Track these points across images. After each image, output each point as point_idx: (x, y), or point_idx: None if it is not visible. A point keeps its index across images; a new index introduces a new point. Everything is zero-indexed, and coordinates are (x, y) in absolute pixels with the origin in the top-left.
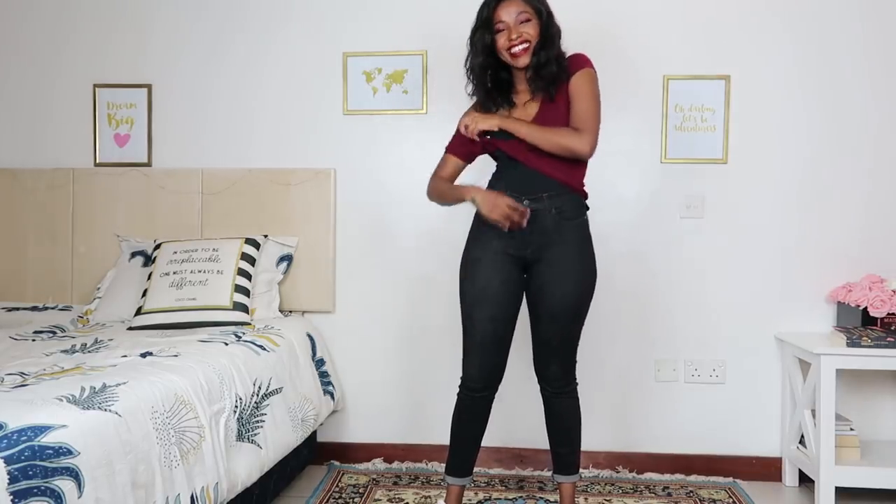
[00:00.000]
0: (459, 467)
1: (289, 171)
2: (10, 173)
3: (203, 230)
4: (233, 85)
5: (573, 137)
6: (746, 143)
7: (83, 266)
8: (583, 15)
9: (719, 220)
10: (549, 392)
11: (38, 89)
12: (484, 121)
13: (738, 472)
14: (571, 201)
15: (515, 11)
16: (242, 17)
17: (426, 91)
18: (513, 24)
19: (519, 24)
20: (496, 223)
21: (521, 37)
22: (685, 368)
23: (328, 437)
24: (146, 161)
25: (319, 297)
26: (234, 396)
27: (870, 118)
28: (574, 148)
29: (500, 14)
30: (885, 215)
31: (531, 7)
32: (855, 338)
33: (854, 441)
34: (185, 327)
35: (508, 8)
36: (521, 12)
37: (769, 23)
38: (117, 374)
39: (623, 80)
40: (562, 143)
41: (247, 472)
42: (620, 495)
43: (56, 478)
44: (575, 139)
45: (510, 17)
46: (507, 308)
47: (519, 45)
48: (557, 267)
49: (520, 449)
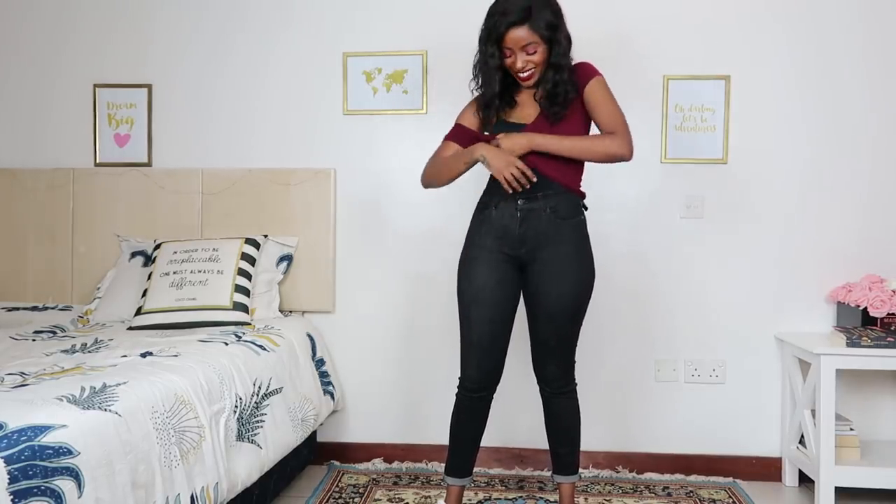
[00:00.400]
0: (459, 468)
1: (289, 171)
2: (10, 173)
3: (203, 230)
4: (233, 85)
5: (613, 143)
6: (746, 143)
7: (83, 266)
8: (583, 15)
9: (719, 220)
10: (548, 392)
11: (38, 89)
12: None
13: (738, 472)
14: (567, 201)
15: (523, 41)
16: (243, 17)
17: (426, 91)
18: (519, 52)
19: (525, 55)
20: (504, 181)
21: (527, 64)
22: (685, 368)
23: (328, 437)
24: (146, 161)
25: (319, 297)
26: (234, 396)
27: (869, 118)
28: (617, 153)
29: (508, 41)
30: (885, 215)
31: (538, 36)
32: (855, 338)
33: (854, 441)
34: (185, 327)
35: (516, 36)
36: (529, 44)
37: (769, 23)
38: (117, 374)
39: (623, 80)
40: (605, 150)
41: (247, 472)
42: (620, 495)
43: (56, 478)
44: (615, 144)
45: (517, 45)
46: (504, 308)
47: (525, 72)
48: (553, 267)
49: (520, 449)
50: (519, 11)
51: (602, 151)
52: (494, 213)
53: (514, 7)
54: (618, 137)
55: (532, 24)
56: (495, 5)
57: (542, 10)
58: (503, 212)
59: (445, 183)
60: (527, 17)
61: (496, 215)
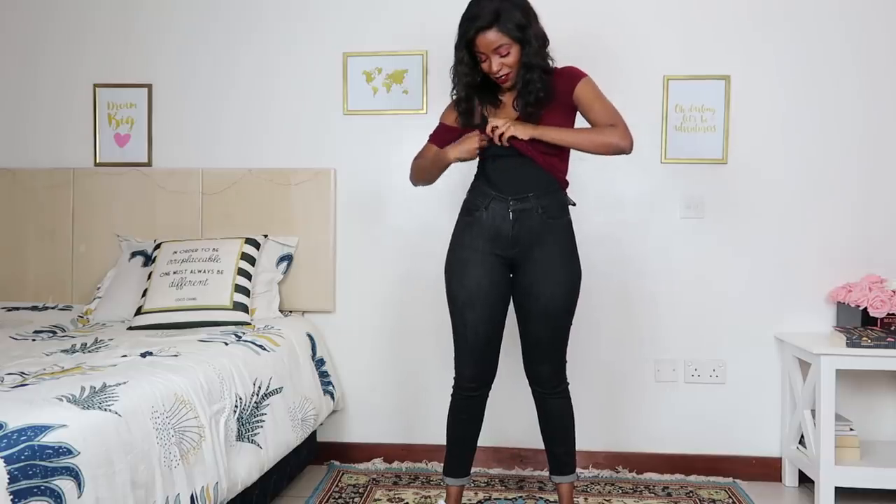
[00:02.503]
0: (457, 468)
1: (289, 171)
2: (10, 173)
3: (203, 230)
4: (233, 85)
5: (615, 134)
6: (746, 143)
7: (83, 266)
8: (583, 16)
9: (719, 220)
10: (541, 393)
11: (38, 89)
12: (519, 129)
13: (738, 472)
14: (556, 201)
15: (493, 44)
16: (243, 17)
17: (426, 91)
18: (492, 55)
19: (499, 57)
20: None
21: (500, 68)
22: (685, 368)
23: (328, 436)
24: (146, 161)
25: (319, 297)
26: (235, 396)
27: (869, 118)
28: (619, 143)
29: (479, 45)
30: (885, 215)
31: (509, 37)
32: (855, 338)
33: (854, 441)
34: (185, 327)
35: (486, 40)
36: (500, 45)
37: (769, 23)
38: (117, 374)
39: (623, 81)
40: (608, 141)
41: (247, 471)
42: (620, 495)
43: (56, 477)
44: (617, 135)
45: (488, 48)
46: (498, 309)
47: (501, 74)
48: (545, 267)
49: (519, 449)
50: (487, 15)
51: (605, 142)
52: (485, 215)
53: (482, 11)
54: (618, 130)
55: (500, 27)
56: (465, 12)
57: (510, 11)
58: (494, 213)
59: (432, 183)
60: (495, 20)
61: (487, 217)
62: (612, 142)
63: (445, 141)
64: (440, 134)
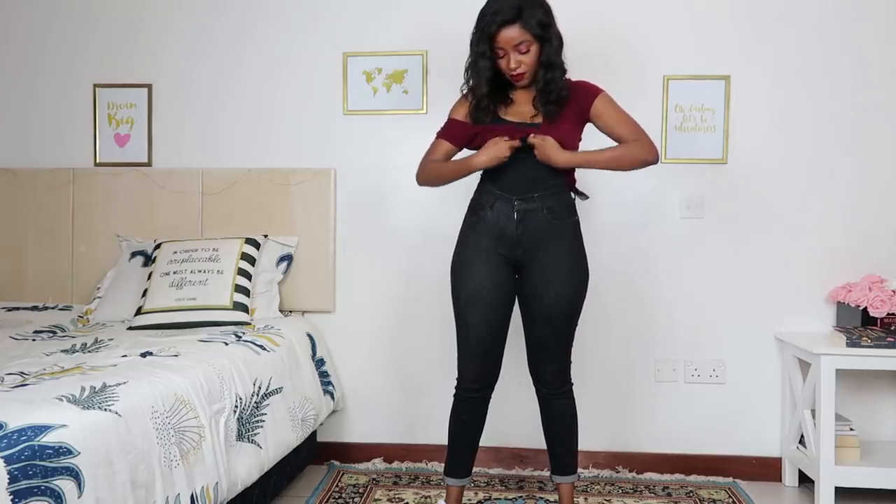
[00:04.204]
0: (458, 468)
1: (289, 171)
2: (10, 173)
3: (203, 230)
4: (233, 85)
5: (643, 149)
6: (746, 143)
7: (83, 266)
8: (583, 15)
9: (719, 220)
10: (544, 393)
11: (38, 89)
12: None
13: (738, 472)
14: (561, 201)
15: (515, 40)
16: (243, 17)
17: (426, 91)
18: (511, 52)
19: (518, 54)
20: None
21: (519, 65)
22: (685, 368)
23: (328, 436)
24: (146, 161)
25: (319, 297)
26: (235, 396)
27: (869, 118)
28: (649, 158)
29: (500, 40)
30: (885, 215)
31: (530, 34)
32: (855, 338)
33: (854, 441)
34: (185, 327)
35: (508, 35)
36: (521, 42)
37: (769, 24)
38: (117, 374)
39: (623, 81)
40: (638, 157)
41: (247, 471)
42: (620, 495)
43: (56, 477)
44: (644, 150)
45: (509, 44)
46: (501, 309)
47: (517, 71)
48: (549, 268)
49: (519, 449)
50: (510, 10)
51: (636, 158)
52: (490, 215)
53: (505, 6)
54: (644, 143)
55: (524, 23)
56: (487, 6)
57: (533, 8)
58: (499, 213)
59: (442, 185)
60: (518, 15)
61: (491, 216)
62: (641, 157)
63: (457, 137)
64: (452, 130)
